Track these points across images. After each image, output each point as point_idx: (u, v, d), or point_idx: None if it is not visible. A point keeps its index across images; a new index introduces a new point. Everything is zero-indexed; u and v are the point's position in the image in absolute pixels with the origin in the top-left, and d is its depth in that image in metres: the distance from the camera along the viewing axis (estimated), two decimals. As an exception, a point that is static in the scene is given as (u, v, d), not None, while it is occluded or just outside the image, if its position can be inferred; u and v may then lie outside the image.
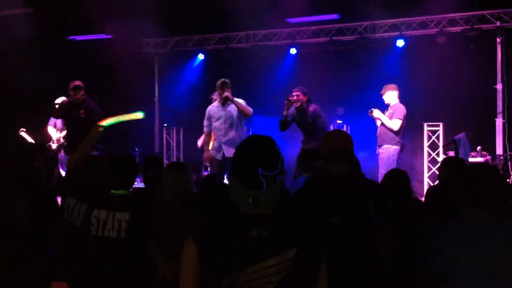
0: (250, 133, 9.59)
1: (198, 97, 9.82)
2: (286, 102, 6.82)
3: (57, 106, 7.75)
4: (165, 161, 9.99)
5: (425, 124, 9.00)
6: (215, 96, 7.32)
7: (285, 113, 6.84)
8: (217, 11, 9.08)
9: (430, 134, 8.98)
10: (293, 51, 9.88)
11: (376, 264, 2.82)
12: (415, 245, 2.41)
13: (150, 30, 9.93)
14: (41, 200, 3.83)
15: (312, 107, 6.84)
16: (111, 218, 3.35)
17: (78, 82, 7.11)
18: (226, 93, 6.83)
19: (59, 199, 4.02)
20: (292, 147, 7.53)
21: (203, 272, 1.81)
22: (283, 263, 1.80)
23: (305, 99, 6.85)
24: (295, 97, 6.81)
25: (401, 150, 7.14)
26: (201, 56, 10.45)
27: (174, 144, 10.81)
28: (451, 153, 7.86)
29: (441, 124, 8.86)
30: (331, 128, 9.38)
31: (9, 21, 9.04)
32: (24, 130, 8.29)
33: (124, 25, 9.43)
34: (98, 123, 4.38)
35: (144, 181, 4.13)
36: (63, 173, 7.85)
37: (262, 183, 1.83)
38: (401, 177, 3.86)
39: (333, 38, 9.54)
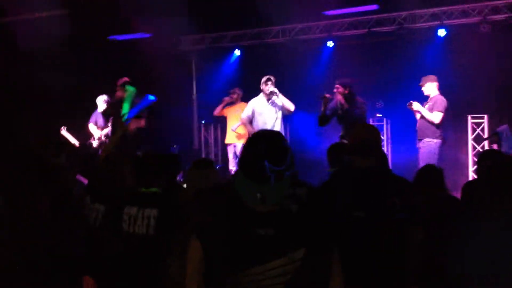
0: (288, 129, 9.52)
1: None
2: (321, 97, 6.75)
3: (105, 102, 7.94)
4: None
5: (469, 117, 8.69)
6: (236, 92, 8.05)
7: (322, 108, 6.76)
8: (252, 6, 9.01)
9: (475, 127, 8.68)
10: (330, 44, 9.71)
11: (402, 262, 2.69)
12: (448, 244, 2.29)
13: (187, 28, 9.96)
14: (64, 197, 3.86)
15: (361, 99, 6.71)
16: (140, 215, 3.37)
17: (126, 79, 7.27)
18: (273, 88, 7.09)
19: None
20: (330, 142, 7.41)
21: (207, 269, 1.75)
22: (290, 264, 1.72)
23: (346, 92, 6.72)
24: (335, 90, 6.72)
25: (442, 144, 6.91)
26: (237, 52, 10.43)
27: (212, 141, 10.83)
28: (496, 146, 7.55)
29: (485, 116, 8.54)
30: (370, 122, 9.23)
31: (48, 22, 9.24)
32: (65, 128, 8.46)
33: (162, 23, 9.49)
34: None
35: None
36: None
37: (269, 178, 1.75)
38: (433, 174, 3.70)
39: (372, 29, 9.30)
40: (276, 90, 7.23)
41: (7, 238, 3.33)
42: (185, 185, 4.22)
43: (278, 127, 7.30)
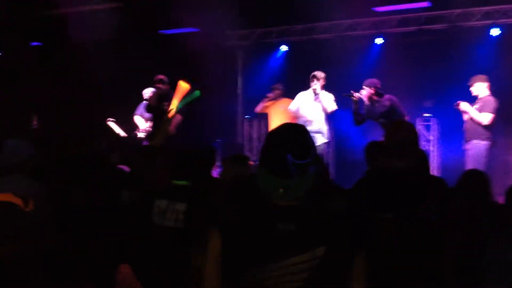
0: (332, 127, 9.41)
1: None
2: (346, 95, 6.81)
3: (150, 95, 8.09)
4: (247, 153, 10.02)
5: (521, 119, 8.34)
6: (277, 89, 8.36)
7: (354, 106, 6.75)
8: (300, 2, 8.93)
9: (527, 130, 8.32)
10: (379, 41, 9.51)
11: (431, 266, 2.59)
12: (484, 250, 2.19)
13: (234, 23, 9.98)
14: (103, 184, 3.93)
15: (386, 99, 6.62)
16: (170, 208, 3.39)
17: (162, 76, 7.41)
18: (315, 86, 7.23)
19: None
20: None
21: (226, 262, 1.73)
22: (311, 261, 1.67)
23: (372, 92, 6.68)
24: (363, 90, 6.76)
25: (491, 146, 6.65)
26: (284, 48, 10.37)
27: (256, 136, 10.82)
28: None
29: (539, 119, 8.17)
30: (417, 121, 9.00)
31: (99, 15, 9.45)
32: (113, 120, 8.63)
33: (210, 18, 9.55)
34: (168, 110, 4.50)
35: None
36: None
37: (291, 171, 1.71)
38: (477, 178, 3.55)
39: (422, 27, 9.04)
40: (317, 88, 7.23)
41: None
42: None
43: (320, 124, 7.29)
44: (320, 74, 7.39)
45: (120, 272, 3.75)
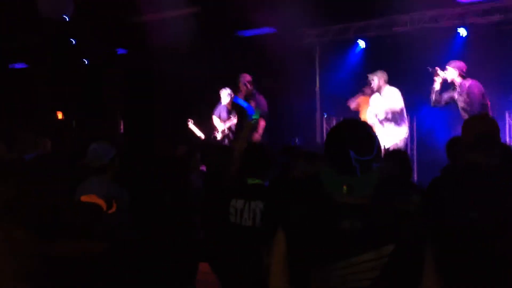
0: (414, 124, 9.15)
1: (359, 86, 9.56)
2: (431, 69, 6.74)
3: (228, 95, 8.26)
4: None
5: None
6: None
7: (434, 85, 6.68)
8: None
9: None
10: (462, 33, 9.08)
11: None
12: None
13: (311, 20, 9.92)
14: (185, 185, 4.04)
15: (469, 83, 6.32)
16: (247, 208, 3.42)
17: (249, 77, 7.56)
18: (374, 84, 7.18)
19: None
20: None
21: (291, 261, 1.72)
22: (378, 259, 1.62)
23: (457, 74, 6.41)
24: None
25: None
26: (362, 44, 10.17)
27: (335, 134, 10.67)
28: None
29: None
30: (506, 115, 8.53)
31: (179, 21, 9.73)
32: (192, 121, 8.86)
33: (286, 17, 9.56)
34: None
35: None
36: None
37: (355, 168, 1.67)
38: None
39: (510, 16, 8.53)
40: (374, 87, 7.22)
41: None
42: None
43: (392, 121, 7.10)
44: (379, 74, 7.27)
45: (200, 270, 3.84)
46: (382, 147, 6.41)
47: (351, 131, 1.72)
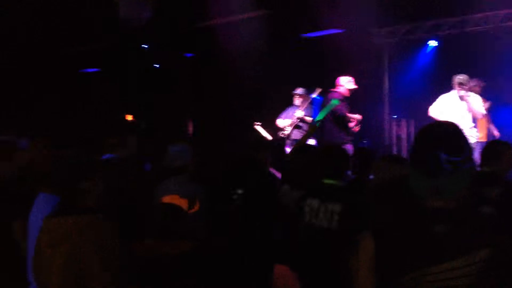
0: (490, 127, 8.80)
1: (430, 87, 9.32)
2: None
3: (296, 97, 8.27)
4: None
5: None
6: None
7: None
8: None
9: None
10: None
11: None
12: None
13: (380, 20, 9.76)
14: (259, 186, 4.06)
15: None
16: (323, 208, 3.40)
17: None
18: (463, 93, 6.97)
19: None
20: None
21: (381, 268, 1.69)
22: (471, 265, 1.56)
23: None
24: None
25: None
26: (433, 43, 9.90)
27: (405, 137, 10.44)
28: None
29: None
30: None
31: (246, 24, 9.83)
32: (260, 124, 8.91)
33: (354, 17, 9.45)
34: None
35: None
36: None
37: (444, 170, 1.61)
38: None
39: None
40: (465, 95, 6.96)
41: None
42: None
43: (467, 126, 6.92)
44: (464, 80, 6.98)
45: (276, 272, 3.84)
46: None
47: (441, 131, 1.67)
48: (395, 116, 10.46)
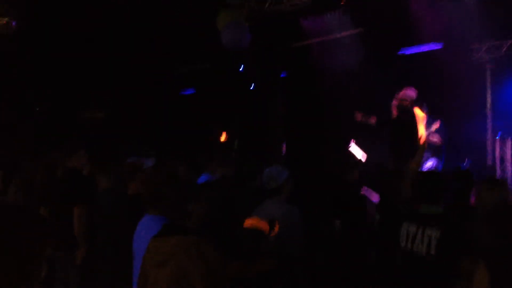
0: None
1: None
2: None
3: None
4: (499, 176, 9.20)
5: None
6: None
7: None
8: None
9: None
10: None
11: None
12: None
13: (480, 34, 9.37)
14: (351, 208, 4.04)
15: None
16: (420, 233, 3.33)
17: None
18: None
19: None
20: None
21: None
22: None
23: None
24: None
25: None
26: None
27: (509, 157, 9.84)
28: None
29: None
30: None
31: (341, 42, 9.83)
32: (355, 141, 8.79)
33: (453, 32, 9.16)
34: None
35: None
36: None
37: None
38: None
39: None
40: None
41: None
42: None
43: None
44: None
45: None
46: None
47: None
48: (499, 135, 9.91)
